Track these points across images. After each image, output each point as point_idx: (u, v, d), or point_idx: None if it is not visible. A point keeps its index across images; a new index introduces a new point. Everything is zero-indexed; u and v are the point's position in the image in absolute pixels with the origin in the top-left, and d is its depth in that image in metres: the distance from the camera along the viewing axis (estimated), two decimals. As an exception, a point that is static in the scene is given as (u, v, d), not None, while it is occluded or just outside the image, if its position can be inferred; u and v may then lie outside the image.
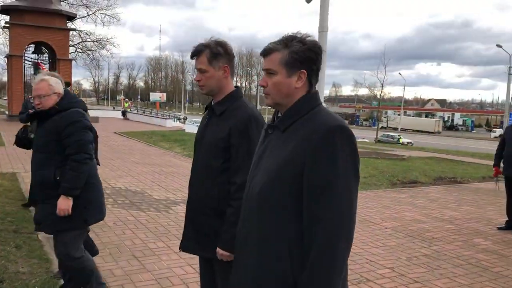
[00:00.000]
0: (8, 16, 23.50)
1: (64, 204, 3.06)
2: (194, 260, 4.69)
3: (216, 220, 2.43)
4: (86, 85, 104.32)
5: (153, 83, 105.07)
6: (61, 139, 3.11)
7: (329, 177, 1.62)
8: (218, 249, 2.37)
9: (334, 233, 1.61)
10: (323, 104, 1.92)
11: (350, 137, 1.68)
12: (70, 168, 3.08)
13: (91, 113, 26.47)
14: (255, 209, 1.79)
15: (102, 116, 25.70)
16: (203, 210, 2.47)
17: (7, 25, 23.72)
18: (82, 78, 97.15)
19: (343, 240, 1.63)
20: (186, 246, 2.59)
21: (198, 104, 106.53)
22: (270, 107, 1.98)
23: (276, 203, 1.72)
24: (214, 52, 2.41)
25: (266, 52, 1.81)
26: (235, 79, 2.49)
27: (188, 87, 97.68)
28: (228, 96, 2.48)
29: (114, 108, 52.00)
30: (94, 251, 4.01)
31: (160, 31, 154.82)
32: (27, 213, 5.92)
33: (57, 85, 3.21)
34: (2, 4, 23.31)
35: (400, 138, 38.27)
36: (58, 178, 3.10)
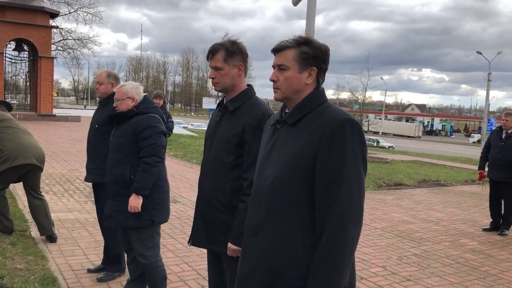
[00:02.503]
0: (-11, 12, 23.03)
1: (134, 202, 3.20)
2: (190, 258, 4.73)
3: (227, 214, 2.47)
4: (65, 84, 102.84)
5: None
6: (136, 140, 3.26)
7: (341, 167, 1.73)
8: (229, 244, 2.41)
9: (344, 219, 1.71)
10: None
11: (359, 130, 1.80)
12: (142, 170, 3.21)
13: (72, 113, 25.97)
14: (266, 201, 1.87)
15: (84, 115, 25.36)
16: (214, 204, 2.50)
17: (-12, 21, 23.24)
18: (61, 77, 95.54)
19: (353, 228, 1.73)
20: (195, 239, 2.62)
21: (180, 105, 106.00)
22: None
23: (288, 194, 1.81)
24: (229, 50, 2.47)
25: (279, 49, 1.91)
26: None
27: (170, 88, 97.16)
28: (242, 93, 2.53)
29: (85, 107, 51.50)
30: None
31: (141, 30, 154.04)
32: (18, 210, 5.85)
33: (133, 90, 3.37)
34: (-17, -1, 22.79)
35: (377, 141, 38.68)
36: (132, 177, 3.22)
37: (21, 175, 4.82)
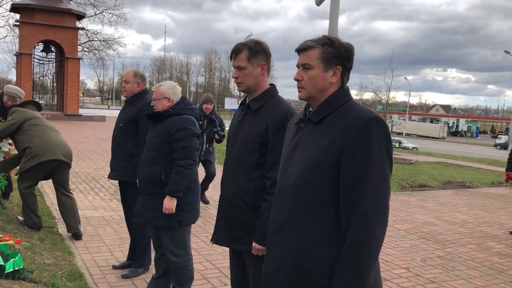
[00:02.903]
0: (19, 14, 23.66)
1: (168, 204, 3.25)
2: (213, 256, 4.77)
3: (250, 214, 2.49)
4: (91, 84, 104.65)
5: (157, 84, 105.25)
6: (170, 141, 3.30)
7: (366, 166, 1.72)
8: (254, 243, 2.43)
9: (370, 218, 1.71)
10: None
11: (385, 128, 1.79)
12: (175, 172, 3.25)
13: (97, 113, 26.46)
14: (290, 199, 1.87)
15: (109, 115, 25.82)
16: (237, 203, 2.52)
17: (17, 23, 23.88)
18: (87, 78, 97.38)
19: (379, 226, 1.73)
20: (218, 238, 2.65)
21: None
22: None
23: (312, 193, 1.81)
24: (253, 50, 2.48)
25: (304, 48, 1.92)
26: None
27: (192, 88, 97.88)
28: (265, 93, 2.54)
29: (109, 107, 52.36)
30: None
31: (165, 32, 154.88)
32: (46, 208, 6.01)
33: (170, 90, 3.40)
34: (13, 2, 23.44)
35: (399, 142, 38.03)
36: (162, 177, 3.26)
37: (49, 172, 4.95)
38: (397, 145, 37.02)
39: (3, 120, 5.53)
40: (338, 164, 1.76)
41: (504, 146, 46.47)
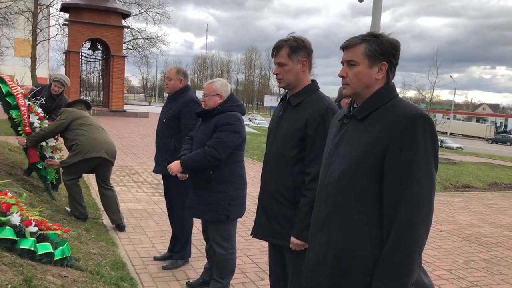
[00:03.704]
0: (68, 14, 24.58)
1: (174, 167, 3.42)
2: (251, 251, 4.83)
3: (289, 208, 2.51)
4: (135, 81, 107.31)
5: (198, 81, 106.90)
6: None
7: (411, 163, 1.70)
8: (292, 238, 2.45)
9: (414, 216, 1.69)
10: None
11: (431, 126, 1.76)
12: (197, 153, 3.32)
13: (141, 109, 27.12)
14: (333, 195, 1.88)
15: (151, 111, 26.46)
16: (276, 198, 2.55)
17: (67, 22, 24.81)
18: (131, 75, 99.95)
19: (423, 224, 1.70)
20: (258, 232, 2.69)
21: (243, 103, 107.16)
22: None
23: (356, 189, 1.81)
24: (293, 46, 2.50)
25: (349, 45, 1.91)
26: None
27: (233, 86, 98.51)
28: (305, 88, 2.55)
29: (150, 103, 53.52)
30: None
31: (207, 30, 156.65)
32: (92, 199, 6.25)
33: (222, 87, 3.47)
34: (63, 2, 24.35)
35: (441, 141, 36.87)
36: (211, 172, 3.34)
37: (93, 167, 5.15)
38: (441, 144, 35.92)
39: (47, 116, 5.82)
40: (382, 161, 1.75)
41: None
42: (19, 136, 5.33)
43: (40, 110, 5.65)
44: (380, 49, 1.84)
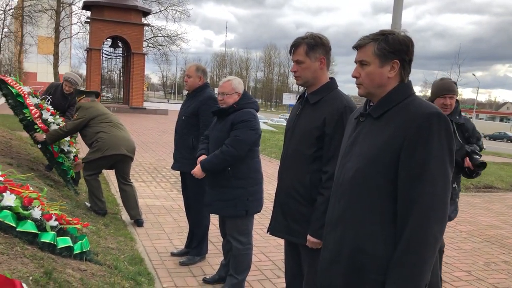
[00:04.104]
0: (90, 12, 24.93)
1: (198, 171, 3.48)
2: (267, 248, 4.83)
3: (306, 207, 2.50)
4: (155, 79, 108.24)
5: (217, 79, 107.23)
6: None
7: (426, 162, 1.69)
8: (308, 236, 2.45)
9: (428, 215, 1.67)
10: None
11: (447, 124, 1.74)
12: (215, 155, 3.38)
13: (160, 106, 27.37)
14: (348, 193, 1.87)
15: (171, 109, 26.66)
16: (293, 196, 2.55)
17: (88, 20, 25.17)
18: (151, 72, 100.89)
19: (436, 225, 1.69)
20: (274, 229, 2.69)
21: (260, 100, 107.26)
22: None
23: (370, 187, 1.80)
24: (311, 44, 2.49)
25: (360, 45, 1.91)
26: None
27: (251, 84, 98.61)
28: (324, 86, 2.54)
29: (168, 101, 54.02)
30: None
31: (226, 28, 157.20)
32: (111, 195, 6.33)
33: (239, 85, 3.53)
34: (85, 0, 24.69)
35: None
36: (229, 169, 3.39)
37: (113, 164, 5.23)
38: None
39: (58, 113, 5.92)
40: (397, 160, 1.74)
41: None
42: (37, 133, 5.42)
43: (50, 107, 5.77)
44: (390, 47, 1.83)
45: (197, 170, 3.48)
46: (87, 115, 5.17)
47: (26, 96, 5.47)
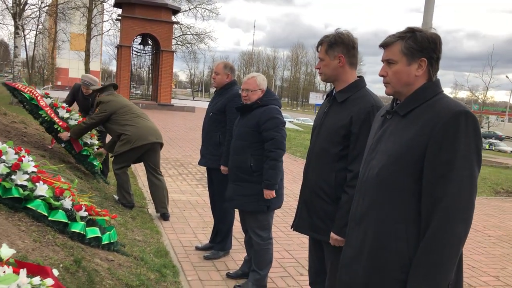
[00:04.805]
0: (121, 9, 25.36)
1: (268, 195, 3.45)
2: (290, 246, 4.84)
3: (331, 205, 2.51)
4: (183, 77, 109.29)
5: (244, 77, 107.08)
6: (259, 131, 3.47)
7: (451, 161, 1.67)
8: (332, 234, 2.45)
9: (452, 215, 1.66)
10: None
11: (474, 123, 1.71)
12: (269, 167, 3.42)
13: (188, 104, 27.61)
14: (372, 191, 1.87)
15: (198, 106, 26.90)
16: (318, 194, 2.55)
17: (119, 17, 25.61)
18: (179, 70, 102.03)
19: (461, 224, 1.67)
20: (298, 226, 2.70)
21: (287, 99, 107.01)
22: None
23: (394, 185, 1.79)
24: (330, 42, 2.51)
25: (386, 43, 1.90)
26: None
27: (278, 83, 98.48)
28: (351, 85, 2.54)
29: (193, 98, 54.57)
30: None
31: (254, 26, 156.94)
32: (138, 189, 6.46)
33: (263, 82, 3.59)
34: (116, -2, 25.13)
35: (490, 144, 34.98)
36: (252, 164, 3.46)
37: (141, 155, 5.32)
38: (487, 146, 34.21)
39: (82, 115, 6.05)
40: (422, 158, 1.73)
41: None
42: (60, 133, 5.53)
43: (64, 104, 5.90)
44: (417, 46, 1.81)
45: (268, 193, 3.44)
46: (108, 109, 5.26)
47: (39, 98, 5.57)
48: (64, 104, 5.89)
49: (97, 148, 5.92)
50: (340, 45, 2.51)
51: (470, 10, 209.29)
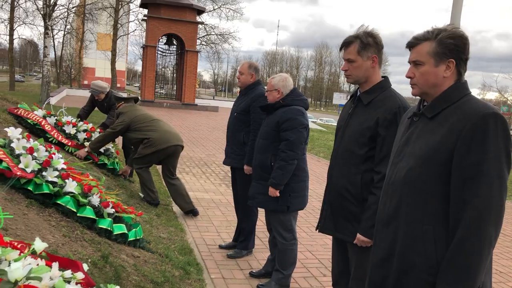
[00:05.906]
0: (147, 10, 25.71)
1: (272, 192, 3.48)
2: (313, 247, 4.83)
3: (356, 206, 2.49)
4: (206, 76, 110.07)
5: (267, 77, 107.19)
6: (279, 130, 3.50)
7: (480, 163, 1.65)
8: (358, 235, 2.44)
9: (482, 218, 1.63)
10: None
11: (504, 125, 1.69)
12: (278, 167, 3.44)
13: (211, 103, 27.82)
14: (399, 193, 1.86)
15: (221, 106, 27.06)
16: (344, 195, 2.53)
17: (145, 18, 25.97)
18: (203, 70, 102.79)
19: (491, 226, 1.64)
20: (323, 227, 2.69)
21: (310, 99, 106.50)
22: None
23: (422, 187, 1.78)
24: (364, 43, 2.46)
25: (412, 44, 1.87)
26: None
27: (301, 83, 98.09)
28: (377, 85, 2.51)
29: (213, 97, 55.03)
30: None
31: (278, 26, 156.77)
32: (163, 187, 6.54)
33: (279, 83, 3.61)
34: (142, -2, 25.48)
35: None
36: (272, 163, 3.51)
37: (163, 158, 5.42)
38: None
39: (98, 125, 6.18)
40: (450, 160, 1.71)
41: None
42: (76, 152, 5.34)
43: (69, 118, 5.73)
44: (446, 47, 1.78)
45: (272, 191, 3.47)
46: (126, 119, 5.38)
47: (43, 123, 5.33)
48: (69, 118, 5.74)
49: (115, 150, 6.02)
50: (373, 46, 2.48)
51: (500, 9, 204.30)
